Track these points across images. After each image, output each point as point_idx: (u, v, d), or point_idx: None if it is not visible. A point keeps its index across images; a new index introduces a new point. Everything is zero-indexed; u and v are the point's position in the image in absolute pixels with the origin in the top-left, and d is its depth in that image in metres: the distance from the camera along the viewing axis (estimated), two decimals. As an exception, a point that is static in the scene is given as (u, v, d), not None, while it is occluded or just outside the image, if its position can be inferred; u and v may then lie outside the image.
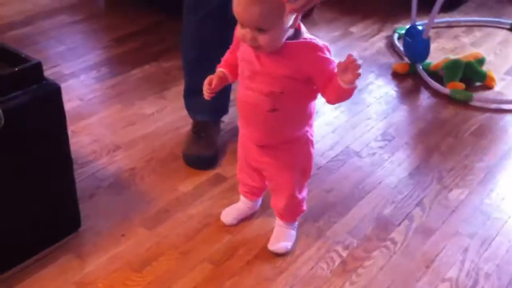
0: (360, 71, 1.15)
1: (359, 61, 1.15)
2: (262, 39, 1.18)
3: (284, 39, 1.21)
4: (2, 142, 1.23)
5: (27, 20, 2.60)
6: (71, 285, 1.37)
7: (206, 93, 1.36)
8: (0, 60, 1.34)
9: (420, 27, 2.34)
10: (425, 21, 2.42)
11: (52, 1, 2.81)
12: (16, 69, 1.22)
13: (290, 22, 1.16)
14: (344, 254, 1.49)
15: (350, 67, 1.15)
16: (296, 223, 1.52)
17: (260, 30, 1.17)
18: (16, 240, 1.38)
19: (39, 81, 1.28)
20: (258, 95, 1.27)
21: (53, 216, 1.44)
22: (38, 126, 1.30)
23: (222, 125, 1.93)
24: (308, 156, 1.40)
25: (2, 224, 1.33)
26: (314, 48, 1.23)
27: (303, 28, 1.26)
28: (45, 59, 2.18)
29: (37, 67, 1.27)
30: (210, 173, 1.75)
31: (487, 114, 2.12)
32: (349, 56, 1.15)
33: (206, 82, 1.34)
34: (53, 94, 1.29)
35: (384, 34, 2.66)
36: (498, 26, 2.78)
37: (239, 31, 1.21)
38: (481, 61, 2.32)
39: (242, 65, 1.30)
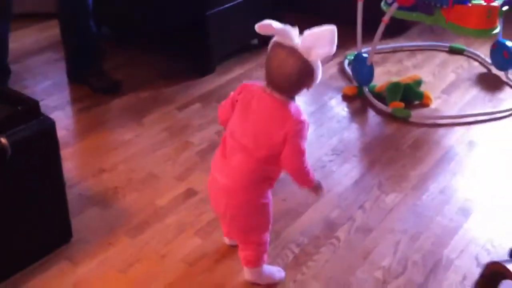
0: None
1: None
2: None
3: None
4: (9, 169, 1.50)
5: (15, 58, 2.87)
6: (69, 285, 1.64)
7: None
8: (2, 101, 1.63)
9: (365, 54, 2.67)
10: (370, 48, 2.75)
11: (37, 40, 3.11)
12: (20, 108, 1.50)
13: None
14: (297, 250, 1.78)
15: None
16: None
17: None
18: (18, 250, 1.64)
19: (37, 117, 1.56)
20: None
21: (48, 229, 1.71)
22: (37, 155, 1.58)
23: (190, 145, 2.22)
24: None
25: (7, 237, 1.60)
26: None
27: None
28: (32, 94, 2.46)
29: (36, 106, 1.55)
30: (183, 188, 2.03)
31: (424, 129, 2.44)
32: None
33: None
34: (49, 127, 1.57)
35: (336, 60, 2.99)
36: (438, 49, 3.14)
37: None
38: (418, 82, 2.65)
39: None
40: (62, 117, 2.46)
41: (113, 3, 3.01)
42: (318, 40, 1.38)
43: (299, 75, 1.41)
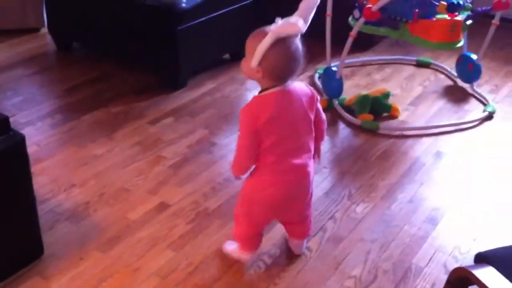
0: None
1: None
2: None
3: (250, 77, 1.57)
4: (-22, 184, 1.49)
5: (-16, 74, 2.86)
6: (39, 301, 1.62)
7: None
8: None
9: (335, 68, 2.72)
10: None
11: (8, 57, 3.09)
12: (-12, 124, 1.50)
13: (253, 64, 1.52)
14: (269, 262, 1.80)
15: None
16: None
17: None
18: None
19: (7, 132, 1.55)
20: None
21: (19, 245, 1.69)
22: (6, 170, 1.57)
23: (162, 159, 2.23)
24: None
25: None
26: None
27: None
28: (3, 110, 2.45)
29: (5, 121, 1.54)
30: (156, 202, 2.04)
31: (392, 140, 2.50)
32: None
33: None
34: (19, 142, 1.57)
35: (307, 74, 3.04)
36: (405, 63, 3.22)
37: None
38: (386, 95, 2.71)
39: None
40: (33, 132, 2.44)
41: (84, 18, 3.01)
42: (313, 4, 1.51)
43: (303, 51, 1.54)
